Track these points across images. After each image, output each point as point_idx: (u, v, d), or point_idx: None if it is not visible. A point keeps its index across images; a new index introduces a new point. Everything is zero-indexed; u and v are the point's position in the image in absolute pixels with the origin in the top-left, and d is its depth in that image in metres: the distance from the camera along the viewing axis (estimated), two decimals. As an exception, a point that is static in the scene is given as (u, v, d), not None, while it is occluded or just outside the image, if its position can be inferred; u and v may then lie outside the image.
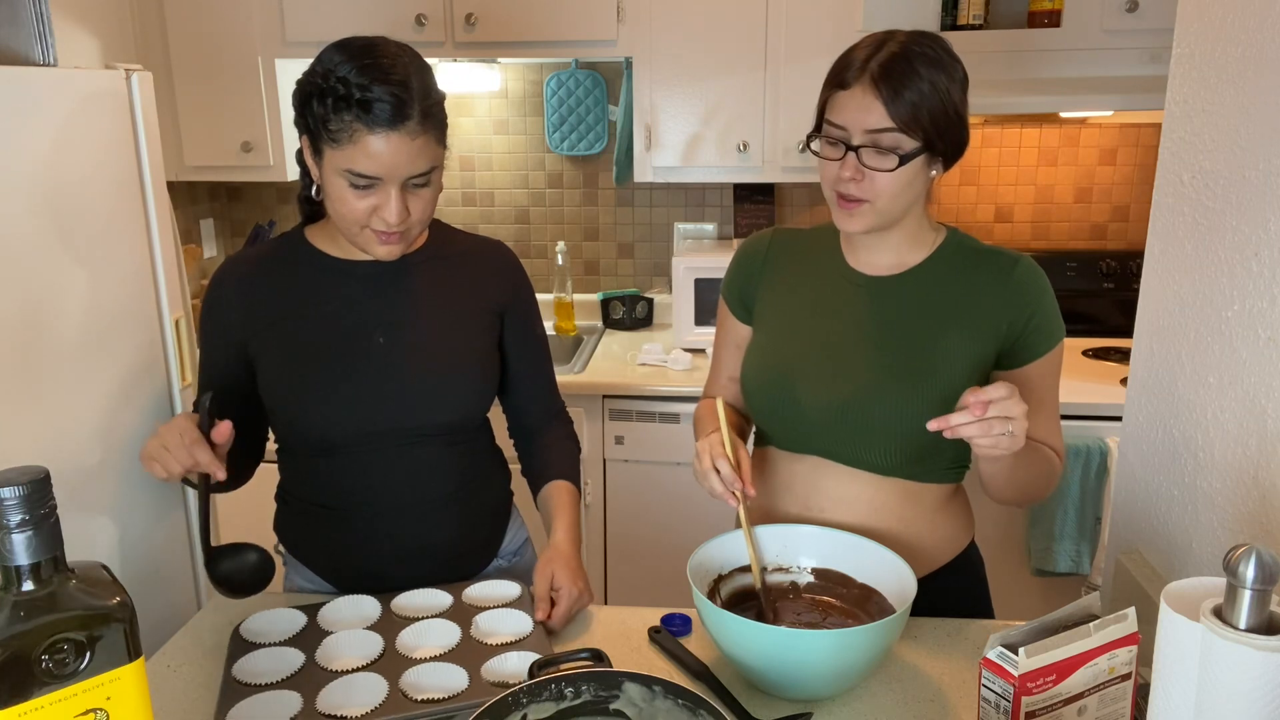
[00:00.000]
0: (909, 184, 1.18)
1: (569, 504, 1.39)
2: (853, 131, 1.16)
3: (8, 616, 0.69)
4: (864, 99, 1.15)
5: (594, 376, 2.59)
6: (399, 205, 1.18)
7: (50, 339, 1.30)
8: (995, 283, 1.25)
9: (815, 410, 1.27)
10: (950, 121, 1.17)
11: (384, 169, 1.15)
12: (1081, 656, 0.88)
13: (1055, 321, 1.28)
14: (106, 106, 1.41)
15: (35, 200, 1.28)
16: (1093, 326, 2.84)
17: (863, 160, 1.16)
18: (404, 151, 1.15)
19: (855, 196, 1.19)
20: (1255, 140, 1.07)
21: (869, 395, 1.24)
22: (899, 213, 1.22)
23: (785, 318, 1.34)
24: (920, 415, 1.16)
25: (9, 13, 1.33)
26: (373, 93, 1.13)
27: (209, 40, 2.66)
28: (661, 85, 2.63)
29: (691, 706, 0.93)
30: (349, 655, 1.15)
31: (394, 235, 1.21)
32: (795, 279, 1.35)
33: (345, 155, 1.15)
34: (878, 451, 1.26)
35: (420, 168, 1.18)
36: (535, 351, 1.45)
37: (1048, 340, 1.27)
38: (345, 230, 1.23)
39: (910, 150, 1.15)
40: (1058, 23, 2.42)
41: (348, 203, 1.18)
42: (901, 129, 1.14)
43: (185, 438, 1.17)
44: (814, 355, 1.29)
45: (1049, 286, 1.28)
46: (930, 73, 1.14)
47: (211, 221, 3.17)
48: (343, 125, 1.14)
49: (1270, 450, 1.04)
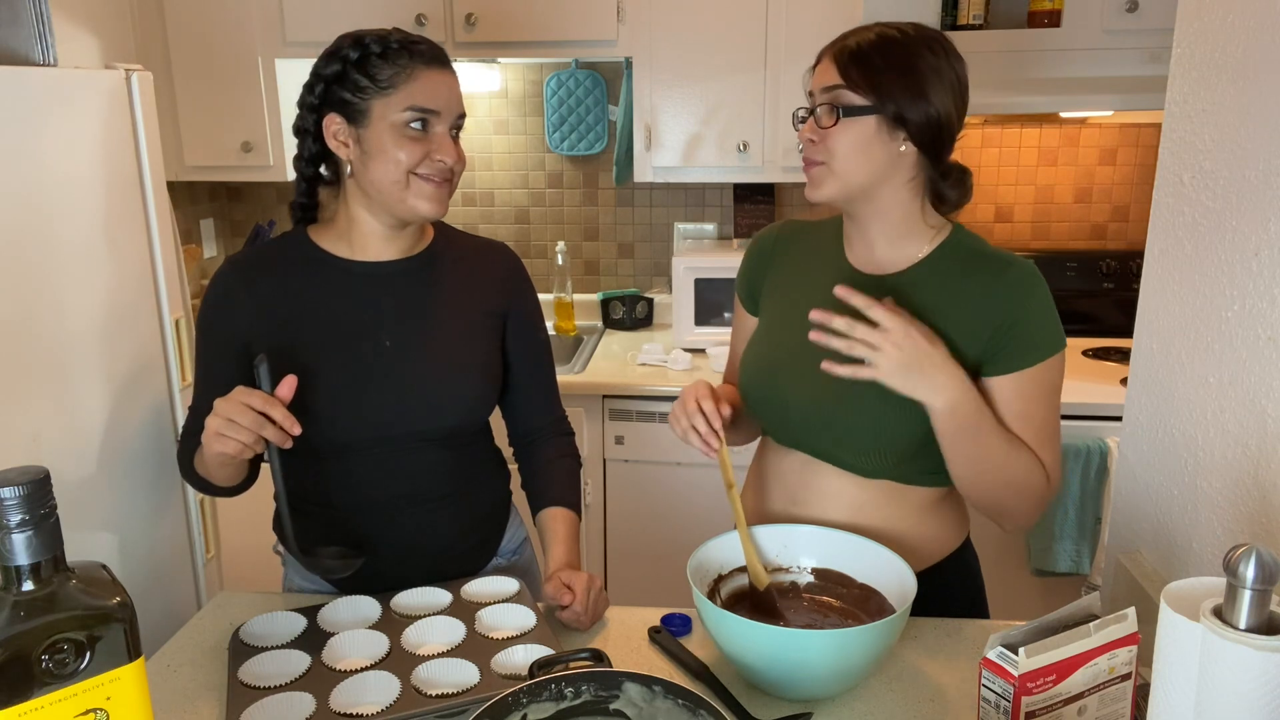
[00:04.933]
0: (863, 147, 1.18)
1: (567, 535, 1.37)
2: (816, 96, 1.21)
3: (8, 616, 0.69)
4: (825, 65, 1.21)
5: (594, 376, 2.59)
6: (453, 145, 1.25)
7: (50, 339, 1.30)
8: (985, 285, 1.20)
9: (798, 408, 1.27)
10: (908, 85, 1.16)
11: (442, 101, 1.23)
12: (1081, 656, 0.88)
13: (1046, 332, 1.19)
14: (106, 106, 1.41)
15: (35, 200, 1.28)
16: (1093, 326, 2.84)
17: (817, 120, 1.20)
18: (454, 88, 1.26)
19: (812, 158, 1.22)
20: (1255, 140, 1.07)
21: (848, 398, 1.22)
22: (861, 180, 1.20)
23: (782, 311, 1.34)
24: (901, 422, 1.18)
25: (9, 13, 1.33)
26: (415, 40, 1.23)
27: (209, 40, 2.66)
28: (661, 85, 2.63)
29: (691, 706, 0.93)
30: (356, 655, 1.15)
31: (444, 185, 1.25)
32: (797, 272, 1.35)
33: (404, 94, 1.21)
34: (858, 453, 1.25)
35: (462, 108, 1.27)
36: (537, 356, 1.45)
37: (1034, 351, 1.18)
38: (391, 190, 1.24)
39: (853, 105, 1.16)
40: (1058, 23, 2.42)
41: (403, 149, 1.21)
42: (849, 86, 1.17)
43: (252, 402, 1.13)
44: (802, 352, 1.25)
45: (1045, 294, 1.20)
46: (890, 40, 1.17)
47: (211, 221, 3.17)
48: (397, 69, 1.21)
49: (1270, 450, 1.04)
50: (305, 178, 1.32)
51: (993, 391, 1.19)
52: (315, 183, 1.33)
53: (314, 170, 1.31)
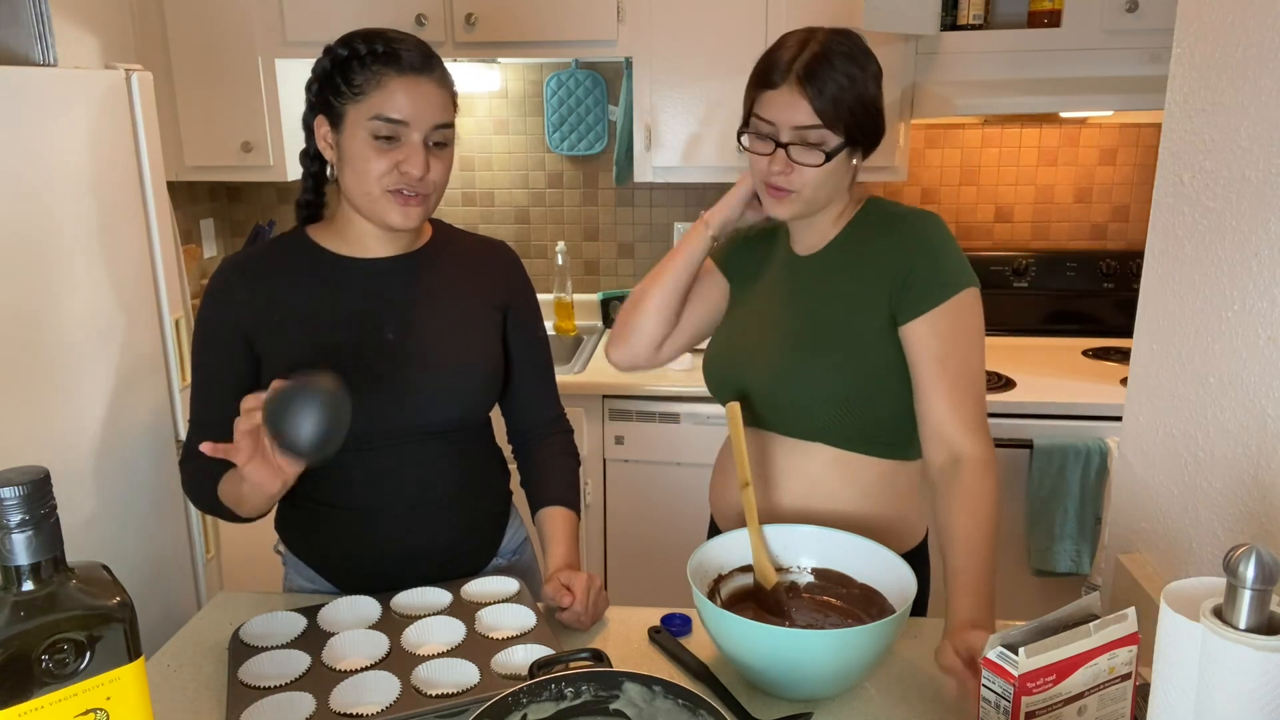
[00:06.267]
0: (832, 173, 1.25)
1: (567, 535, 1.37)
2: (781, 128, 1.23)
3: (8, 616, 0.69)
4: (790, 97, 1.21)
5: (594, 376, 2.60)
6: (423, 157, 1.20)
7: (50, 339, 1.30)
8: (887, 240, 1.28)
9: (756, 383, 1.35)
10: (869, 114, 1.24)
11: (411, 113, 1.19)
12: (1081, 656, 0.88)
13: (950, 271, 1.23)
14: (106, 106, 1.41)
15: (35, 200, 1.28)
16: (1093, 326, 2.83)
17: (791, 155, 1.23)
18: (430, 97, 1.20)
19: (784, 188, 1.26)
20: (1255, 140, 1.07)
21: (782, 370, 1.31)
22: (824, 200, 1.29)
23: (739, 301, 1.44)
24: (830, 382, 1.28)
25: (9, 13, 1.33)
26: (400, 44, 1.20)
27: (209, 40, 2.66)
28: (661, 85, 2.63)
29: (691, 706, 0.93)
30: (356, 655, 1.15)
31: (414, 198, 1.22)
32: (757, 264, 1.44)
33: (371, 103, 1.18)
34: (809, 414, 1.31)
35: (442, 117, 1.22)
36: (536, 353, 1.45)
37: (941, 290, 1.22)
38: (362, 200, 1.23)
39: (835, 145, 1.23)
40: (1058, 23, 2.42)
41: (370, 160, 1.20)
42: (827, 125, 1.21)
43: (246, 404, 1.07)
44: (750, 334, 1.38)
45: (944, 236, 1.26)
46: (848, 68, 1.21)
47: (211, 221, 3.17)
48: (369, 76, 1.18)
49: (1270, 450, 1.04)
50: (310, 174, 1.32)
51: (909, 339, 1.24)
52: (321, 179, 1.33)
53: (319, 167, 1.32)
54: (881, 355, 1.27)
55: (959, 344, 1.23)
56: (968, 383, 1.22)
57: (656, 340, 1.44)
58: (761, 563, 1.23)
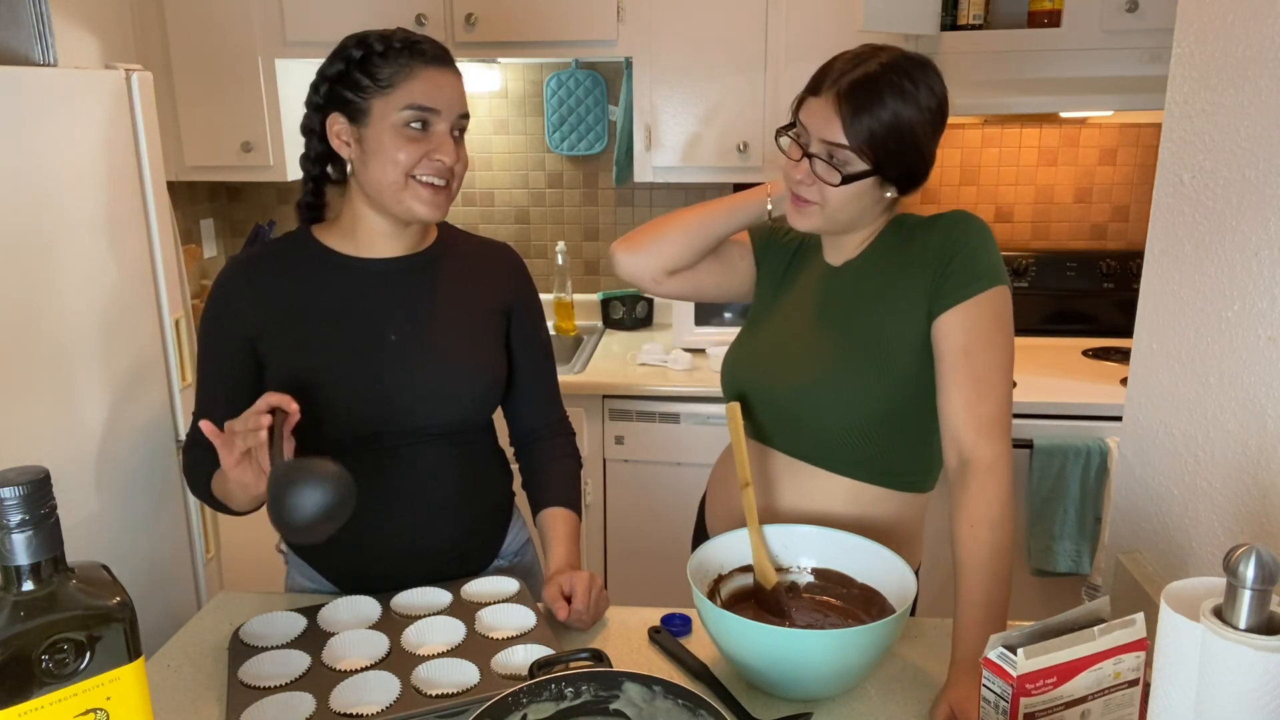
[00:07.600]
0: (856, 197, 1.22)
1: (567, 536, 1.37)
2: (812, 138, 1.21)
3: (8, 616, 0.69)
4: (826, 110, 1.19)
5: (594, 376, 2.60)
6: (452, 145, 1.24)
7: (50, 339, 1.30)
8: (922, 240, 1.25)
9: (775, 398, 1.32)
10: (906, 153, 1.20)
11: (443, 100, 1.22)
12: (1084, 660, 0.88)
13: (984, 267, 1.19)
14: (106, 106, 1.41)
15: (35, 200, 1.28)
16: (1093, 326, 2.83)
17: (814, 169, 1.21)
18: (455, 87, 1.25)
19: (805, 197, 1.24)
20: (1255, 140, 1.07)
21: (807, 385, 1.28)
22: (847, 221, 1.26)
23: (767, 307, 1.40)
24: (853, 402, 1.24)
25: (9, 13, 1.33)
26: (417, 40, 1.23)
27: (209, 40, 2.66)
28: (661, 85, 2.63)
29: (691, 706, 0.93)
30: (356, 655, 1.15)
31: (442, 190, 1.25)
32: (791, 272, 1.40)
33: (403, 93, 1.21)
34: (827, 433, 1.29)
35: (464, 108, 1.26)
36: (539, 356, 1.45)
37: (975, 283, 1.18)
38: (388, 191, 1.24)
39: (856, 171, 1.19)
40: (1058, 23, 2.42)
41: (400, 150, 1.21)
42: (854, 149, 1.18)
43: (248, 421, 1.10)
44: (778, 346, 1.35)
45: (981, 231, 1.22)
46: (896, 104, 1.17)
47: (211, 221, 3.16)
48: (396, 68, 1.21)
49: (1270, 450, 1.04)
50: (312, 177, 1.32)
51: (939, 333, 1.21)
52: (322, 182, 1.33)
53: (320, 170, 1.32)
54: (910, 372, 1.23)
55: (986, 339, 1.18)
56: (991, 382, 1.17)
57: (671, 265, 1.39)
58: (761, 563, 1.23)
